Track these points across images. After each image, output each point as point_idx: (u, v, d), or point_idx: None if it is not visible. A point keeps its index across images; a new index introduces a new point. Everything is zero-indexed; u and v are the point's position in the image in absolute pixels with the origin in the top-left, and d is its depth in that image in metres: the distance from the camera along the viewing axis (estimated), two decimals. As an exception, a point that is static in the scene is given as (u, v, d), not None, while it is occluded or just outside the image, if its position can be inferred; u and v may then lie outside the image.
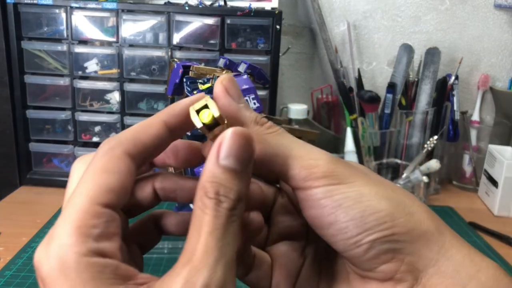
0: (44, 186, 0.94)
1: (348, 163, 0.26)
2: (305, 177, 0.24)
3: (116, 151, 0.23)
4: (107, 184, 0.22)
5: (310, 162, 0.25)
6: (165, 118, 0.24)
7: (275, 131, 0.26)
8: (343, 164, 0.25)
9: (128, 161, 0.23)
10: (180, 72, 0.57)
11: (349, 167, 0.26)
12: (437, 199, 0.97)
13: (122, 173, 0.23)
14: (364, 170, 0.27)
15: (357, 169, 0.26)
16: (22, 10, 0.88)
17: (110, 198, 0.22)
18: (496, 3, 1.09)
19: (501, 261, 0.72)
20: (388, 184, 0.26)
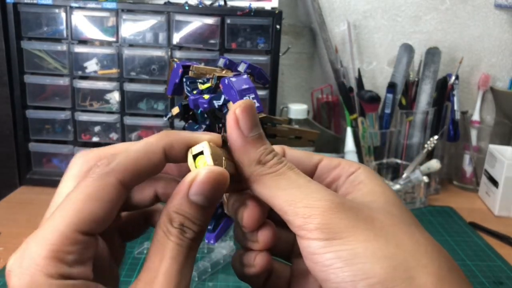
0: (43, 186, 0.94)
1: (352, 207, 0.24)
2: (299, 226, 0.23)
3: (111, 179, 0.23)
4: (93, 213, 0.22)
5: (305, 210, 0.23)
6: (166, 147, 0.24)
7: (275, 172, 0.25)
8: (342, 213, 0.23)
9: (121, 190, 0.23)
10: (180, 72, 0.57)
11: (349, 216, 0.23)
12: (438, 199, 0.97)
13: (112, 202, 0.23)
14: (371, 214, 0.24)
15: (358, 218, 0.23)
16: (21, 10, 0.88)
17: (92, 227, 0.22)
18: (496, 3, 1.09)
19: (501, 261, 0.72)
20: (396, 235, 0.23)
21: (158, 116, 0.92)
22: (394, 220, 0.24)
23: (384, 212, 0.24)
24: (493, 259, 0.73)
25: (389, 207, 0.25)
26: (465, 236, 0.80)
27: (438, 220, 0.86)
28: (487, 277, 0.67)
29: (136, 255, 0.69)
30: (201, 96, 0.54)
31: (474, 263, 0.71)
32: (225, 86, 0.53)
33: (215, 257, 0.67)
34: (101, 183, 0.22)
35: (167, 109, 0.91)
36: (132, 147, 0.24)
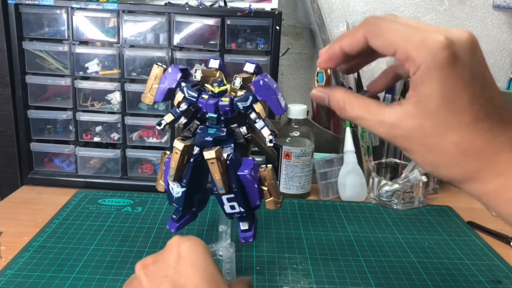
0: (45, 185, 0.94)
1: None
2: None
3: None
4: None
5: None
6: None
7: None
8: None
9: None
10: (179, 77, 0.57)
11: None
12: (436, 199, 0.97)
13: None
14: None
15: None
16: (23, 10, 0.88)
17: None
18: (494, 3, 1.09)
19: (500, 260, 0.73)
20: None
21: (158, 116, 0.93)
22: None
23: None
24: (491, 258, 0.73)
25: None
26: (463, 236, 0.80)
27: (436, 219, 0.86)
28: (486, 276, 0.68)
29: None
30: (219, 99, 0.54)
31: (472, 262, 0.72)
32: (259, 87, 0.54)
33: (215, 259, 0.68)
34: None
35: (168, 110, 0.92)
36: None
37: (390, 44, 0.33)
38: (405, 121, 0.33)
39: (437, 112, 0.32)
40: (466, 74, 0.31)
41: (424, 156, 0.33)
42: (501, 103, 0.33)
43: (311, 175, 0.93)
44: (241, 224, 0.57)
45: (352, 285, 0.64)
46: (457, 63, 0.31)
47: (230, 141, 0.56)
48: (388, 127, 0.34)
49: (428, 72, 0.31)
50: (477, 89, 0.31)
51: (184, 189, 0.55)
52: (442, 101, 0.31)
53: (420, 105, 0.32)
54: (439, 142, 0.32)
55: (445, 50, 0.31)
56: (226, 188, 0.53)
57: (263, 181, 0.56)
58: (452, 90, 0.31)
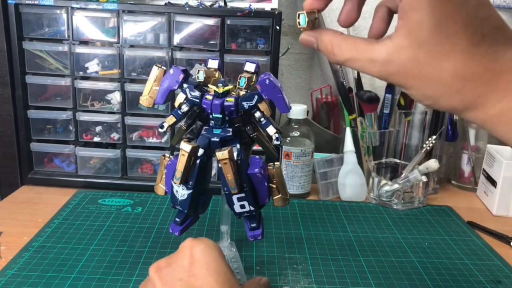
0: (45, 185, 0.94)
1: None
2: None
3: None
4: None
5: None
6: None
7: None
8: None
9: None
10: (181, 78, 0.56)
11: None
12: (436, 199, 0.97)
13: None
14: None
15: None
16: (23, 10, 0.88)
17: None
18: (494, 3, 1.09)
19: (500, 260, 0.73)
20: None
21: (159, 116, 0.93)
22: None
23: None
24: (491, 258, 0.73)
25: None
26: (463, 236, 0.80)
27: (436, 219, 0.86)
28: (486, 276, 0.68)
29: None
30: (224, 99, 0.54)
31: (472, 262, 0.72)
32: (265, 86, 0.54)
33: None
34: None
35: (168, 110, 0.92)
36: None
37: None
38: (397, 55, 0.31)
39: (430, 40, 0.30)
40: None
41: (421, 89, 0.31)
42: (498, 22, 0.31)
43: (311, 175, 0.94)
44: (250, 222, 0.57)
45: (352, 285, 0.64)
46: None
47: (235, 140, 0.56)
48: (380, 65, 0.32)
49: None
50: (470, 10, 0.29)
51: (190, 191, 0.55)
52: (434, 27, 0.29)
53: (411, 35, 0.30)
54: (435, 71, 0.30)
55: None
56: (239, 188, 0.53)
57: (271, 179, 0.56)
58: (444, 14, 0.29)
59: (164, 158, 0.59)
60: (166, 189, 0.59)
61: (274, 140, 0.54)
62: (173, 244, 0.72)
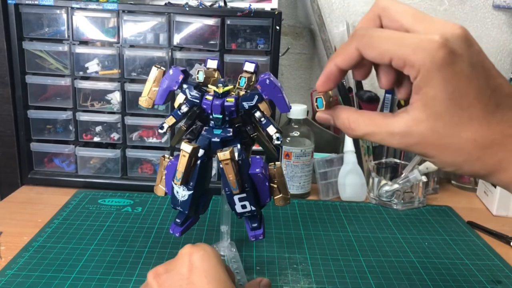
0: (45, 185, 0.94)
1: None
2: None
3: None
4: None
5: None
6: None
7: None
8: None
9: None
10: (181, 78, 0.56)
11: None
12: (436, 199, 0.97)
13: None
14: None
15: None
16: (23, 10, 0.88)
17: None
18: (494, 3, 1.09)
19: (500, 260, 0.73)
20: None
21: (158, 116, 0.93)
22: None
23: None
24: (491, 258, 0.73)
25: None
26: (463, 236, 0.80)
27: (436, 219, 0.86)
28: (486, 276, 0.68)
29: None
30: (225, 100, 0.54)
31: (472, 262, 0.72)
32: (266, 86, 0.54)
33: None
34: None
35: (168, 110, 0.92)
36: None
37: (385, 53, 0.33)
38: (415, 127, 0.33)
39: (446, 112, 0.31)
40: (467, 69, 0.31)
41: (443, 157, 0.33)
42: (509, 90, 0.32)
43: (311, 175, 0.94)
44: (251, 222, 0.57)
45: (352, 285, 0.64)
46: (456, 59, 0.31)
47: (236, 141, 0.56)
48: (399, 137, 0.34)
49: (429, 74, 0.31)
50: (481, 81, 0.31)
51: (191, 192, 0.55)
52: (449, 101, 0.31)
53: (428, 108, 0.32)
54: (454, 141, 0.32)
55: (442, 49, 0.30)
56: (240, 188, 0.53)
57: (272, 178, 0.56)
58: (457, 88, 0.31)
59: (164, 159, 0.59)
60: (166, 190, 0.59)
61: (274, 140, 0.54)
62: (173, 244, 0.72)
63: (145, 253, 0.70)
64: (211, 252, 0.48)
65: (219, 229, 0.69)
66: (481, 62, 0.32)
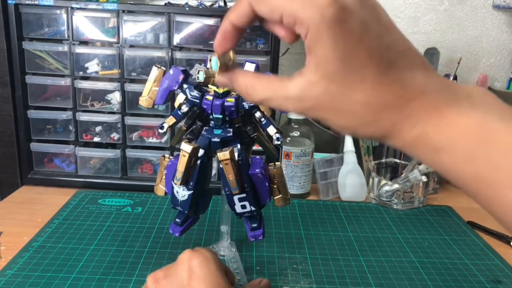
0: (45, 185, 0.94)
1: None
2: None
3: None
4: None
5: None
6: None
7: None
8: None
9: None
10: (181, 78, 0.56)
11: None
12: (436, 199, 0.97)
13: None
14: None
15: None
16: (23, 10, 0.88)
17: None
18: (494, 3, 1.09)
19: (500, 260, 0.73)
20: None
21: (158, 116, 0.93)
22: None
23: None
24: (491, 258, 0.73)
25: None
26: (463, 235, 0.80)
27: (436, 219, 0.86)
28: (486, 276, 0.68)
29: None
30: (225, 100, 0.54)
31: (472, 262, 0.72)
32: None
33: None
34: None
35: (168, 110, 0.92)
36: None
37: (275, 8, 0.31)
38: (309, 90, 0.31)
39: (338, 73, 0.30)
40: (359, 27, 0.29)
41: (337, 121, 0.31)
42: (403, 46, 0.30)
43: (311, 175, 0.94)
44: (251, 222, 0.57)
45: (352, 285, 0.64)
46: (347, 16, 0.29)
47: (236, 141, 0.56)
48: (294, 101, 0.32)
49: (318, 32, 0.29)
50: (373, 40, 0.29)
51: (191, 191, 0.55)
52: (340, 61, 0.29)
53: (320, 70, 0.30)
54: (347, 104, 0.30)
55: (332, 5, 0.28)
56: (240, 189, 0.53)
57: (272, 179, 0.56)
58: (347, 48, 0.29)
59: (164, 159, 0.59)
60: (166, 189, 0.59)
61: (274, 140, 0.54)
62: (173, 244, 0.72)
63: (145, 253, 0.70)
64: (211, 257, 0.48)
65: (219, 229, 0.69)
66: (375, 19, 0.30)
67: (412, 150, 0.31)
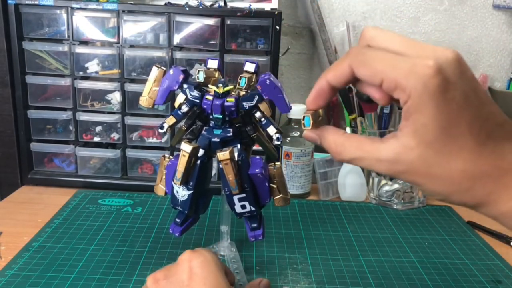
0: (45, 185, 0.94)
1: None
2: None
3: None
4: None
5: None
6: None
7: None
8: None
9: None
10: (181, 78, 0.56)
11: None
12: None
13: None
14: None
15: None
16: (23, 10, 0.88)
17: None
18: (494, 3, 1.09)
19: (500, 260, 0.73)
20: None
21: (158, 116, 0.93)
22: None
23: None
24: (491, 258, 0.73)
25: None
26: (463, 235, 0.80)
27: (436, 219, 0.86)
28: (486, 276, 0.68)
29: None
30: (225, 100, 0.54)
31: (472, 262, 0.72)
32: (266, 86, 0.54)
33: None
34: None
35: (168, 110, 0.92)
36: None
37: (377, 73, 0.32)
38: (405, 155, 0.32)
39: (436, 140, 0.30)
40: (460, 97, 0.30)
41: (431, 187, 0.32)
42: (501, 118, 0.31)
43: (311, 175, 0.94)
44: (251, 222, 0.57)
45: (352, 285, 0.64)
46: (448, 87, 0.29)
47: (236, 141, 0.56)
48: (388, 164, 0.33)
49: (420, 100, 0.30)
50: (473, 110, 0.30)
51: (191, 191, 0.55)
52: (440, 129, 0.30)
53: (418, 136, 0.31)
54: (444, 171, 0.31)
55: (436, 76, 0.29)
56: (240, 189, 0.53)
57: (272, 179, 0.56)
58: (448, 116, 0.30)
59: (164, 159, 0.59)
60: (166, 189, 0.59)
61: (274, 140, 0.54)
62: (173, 244, 0.72)
63: (145, 253, 0.70)
64: (211, 258, 0.48)
65: (219, 229, 0.69)
66: (474, 90, 0.31)
67: (508, 220, 0.32)
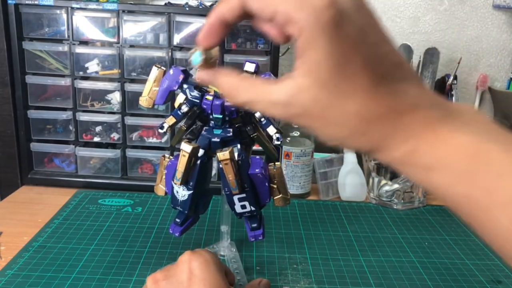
0: (45, 185, 0.94)
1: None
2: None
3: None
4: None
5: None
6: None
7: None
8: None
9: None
10: (181, 78, 0.56)
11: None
12: (436, 199, 0.97)
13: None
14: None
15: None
16: (23, 10, 0.88)
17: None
18: (494, 3, 1.09)
19: (500, 260, 0.73)
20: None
21: (158, 116, 0.93)
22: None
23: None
24: (491, 258, 0.73)
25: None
26: (463, 235, 0.80)
27: (436, 219, 0.86)
28: (486, 276, 0.68)
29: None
30: (225, 100, 0.54)
31: (472, 262, 0.72)
32: None
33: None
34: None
35: (168, 110, 0.92)
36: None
37: (269, 5, 0.28)
38: (299, 96, 0.29)
39: (330, 80, 0.28)
40: (356, 33, 0.27)
41: (325, 130, 0.29)
42: (397, 59, 0.29)
43: (311, 175, 0.94)
44: (251, 222, 0.57)
45: (352, 285, 0.64)
46: (343, 21, 0.27)
47: (236, 141, 0.56)
48: (282, 107, 0.29)
49: (313, 35, 0.27)
50: (369, 48, 0.28)
51: (191, 191, 0.55)
52: (333, 67, 0.27)
53: (311, 75, 0.28)
54: (338, 113, 0.28)
55: (329, 8, 0.26)
56: (240, 189, 0.53)
57: (272, 179, 0.56)
58: (343, 53, 0.27)
59: (164, 159, 0.59)
60: (166, 189, 0.59)
61: (274, 140, 0.54)
62: (173, 244, 0.72)
63: (145, 253, 0.70)
64: (210, 259, 0.48)
65: (219, 229, 0.69)
66: (372, 26, 0.28)
67: (401, 166, 0.29)
